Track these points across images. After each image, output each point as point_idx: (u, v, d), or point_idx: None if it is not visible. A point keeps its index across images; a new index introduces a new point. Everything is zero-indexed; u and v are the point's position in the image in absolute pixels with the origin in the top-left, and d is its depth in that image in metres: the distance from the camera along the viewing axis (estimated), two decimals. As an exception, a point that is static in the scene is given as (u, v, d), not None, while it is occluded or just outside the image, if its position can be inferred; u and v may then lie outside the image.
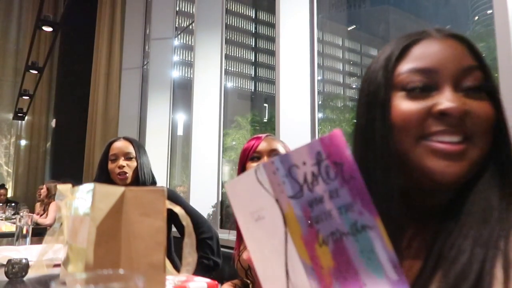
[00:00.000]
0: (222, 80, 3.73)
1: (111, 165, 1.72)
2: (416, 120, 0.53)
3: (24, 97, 7.73)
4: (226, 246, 2.30)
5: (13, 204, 5.31)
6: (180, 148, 5.46)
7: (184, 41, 5.36)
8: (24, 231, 1.89)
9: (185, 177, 4.68)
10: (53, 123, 7.81)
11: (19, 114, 8.72)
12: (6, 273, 1.17)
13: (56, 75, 8.41)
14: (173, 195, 1.73)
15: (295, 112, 2.55)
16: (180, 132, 5.48)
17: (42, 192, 4.95)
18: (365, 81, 0.60)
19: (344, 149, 0.37)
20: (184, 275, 0.71)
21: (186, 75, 5.79)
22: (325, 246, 0.38)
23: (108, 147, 1.76)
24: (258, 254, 0.45)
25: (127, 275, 0.35)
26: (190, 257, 0.65)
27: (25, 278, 1.18)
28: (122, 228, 0.57)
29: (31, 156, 9.26)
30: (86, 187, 0.61)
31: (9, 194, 7.87)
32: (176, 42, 4.96)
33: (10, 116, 9.40)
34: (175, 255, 1.82)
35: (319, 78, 2.81)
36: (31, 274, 1.19)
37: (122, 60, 5.54)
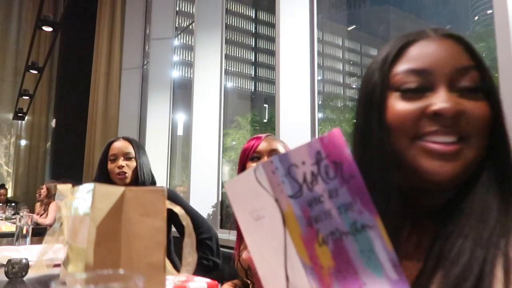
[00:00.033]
0: (222, 80, 3.73)
1: (111, 165, 1.72)
2: (411, 121, 0.53)
3: (24, 97, 7.73)
4: (226, 246, 2.30)
5: (13, 204, 5.31)
6: (180, 148, 5.46)
7: (184, 41, 5.36)
8: (24, 231, 1.89)
9: (185, 177, 4.68)
10: (53, 123, 7.81)
11: (19, 114, 8.73)
12: (6, 273, 1.17)
13: (56, 75, 8.40)
14: (173, 195, 1.73)
15: (295, 112, 2.55)
16: (180, 132, 5.48)
17: (42, 192, 4.95)
18: (364, 81, 0.61)
19: (344, 149, 0.37)
20: (184, 275, 0.71)
21: (186, 75, 5.79)
22: (325, 246, 0.38)
23: (108, 147, 1.76)
24: (258, 254, 0.44)
25: (127, 275, 0.35)
26: (190, 257, 0.65)
27: (25, 278, 1.18)
28: (122, 228, 0.57)
29: (31, 156, 9.26)
30: (86, 187, 0.61)
31: (9, 194, 7.86)
32: (176, 42, 4.96)
33: (10, 116, 9.41)
34: (175, 255, 1.82)
35: (319, 78, 2.81)
36: (31, 274, 1.19)
37: (122, 60, 5.54)
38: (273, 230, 0.41)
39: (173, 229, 1.65)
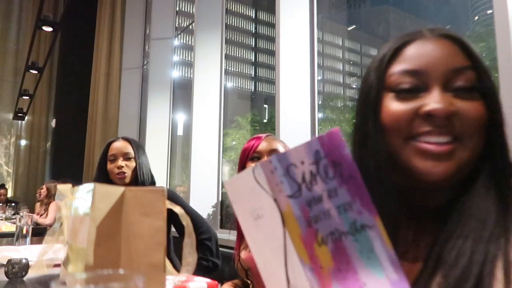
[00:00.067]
0: (222, 80, 3.73)
1: (110, 166, 1.72)
2: (404, 121, 0.53)
3: (24, 97, 7.73)
4: (226, 246, 2.30)
5: (13, 204, 5.30)
6: (180, 148, 5.46)
7: (184, 41, 5.36)
8: (24, 231, 1.89)
9: (185, 177, 4.68)
10: (53, 123, 7.81)
11: (19, 114, 8.73)
12: (6, 273, 1.17)
13: (56, 75, 8.41)
14: (173, 195, 1.73)
15: (295, 112, 2.55)
16: (180, 132, 5.48)
17: (42, 192, 4.95)
18: (362, 81, 0.62)
19: (343, 148, 0.37)
20: (184, 275, 0.71)
21: (186, 75, 5.79)
22: (324, 246, 0.38)
23: (107, 148, 1.76)
24: (259, 253, 0.44)
25: (127, 275, 0.35)
26: (190, 257, 0.65)
27: (25, 278, 1.18)
28: (122, 228, 0.57)
29: (31, 156, 9.26)
30: (86, 187, 0.61)
31: (9, 194, 7.86)
32: (176, 42, 4.96)
33: (10, 116, 9.41)
34: (175, 255, 1.82)
35: (319, 78, 2.81)
36: (31, 274, 1.19)
37: (122, 60, 5.54)
38: (273, 230, 0.41)
39: (173, 229, 1.65)
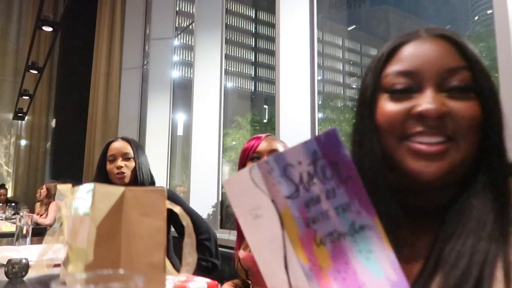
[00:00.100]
0: (222, 80, 3.73)
1: (110, 166, 1.72)
2: (398, 122, 0.54)
3: (24, 97, 7.73)
4: (226, 246, 2.30)
5: (13, 204, 5.30)
6: (180, 148, 5.46)
7: (184, 41, 5.36)
8: (24, 231, 1.89)
9: (185, 177, 4.68)
10: (53, 123, 7.81)
11: (19, 114, 8.73)
12: (6, 273, 1.17)
13: (56, 75, 8.40)
14: (172, 195, 1.73)
15: (295, 112, 2.55)
16: (180, 132, 5.49)
17: (42, 192, 4.95)
18: (361, 82, 0.62)
19: (341, 148, 0.36)
20: (184, 275, 0.71)
21: (186, 75, 5.80)
22: (323, 246, 0.37)
23: (106, 148, 1.76)
24: (259, 252, 0.44)
25: (127, 275, 0.35)
26: (190, 257, 0.66)
27: (25, 278, 1.18)
28: (122, 228, 0.57)
29: (31, 156, 9.26)
30: (86, 187, 0.61)
31: (9, 194, 7.86)
32: (176, 42, 4.96)
33: (10, 116, 9.40)
34: (174, 255, 1.81)
35: (319, 78, 2.81)
36: (31, 274, 1.19)
37: (122, 60, 5.54)
38: (271, 230, 0.41)
39: (172, 229, 1.64)
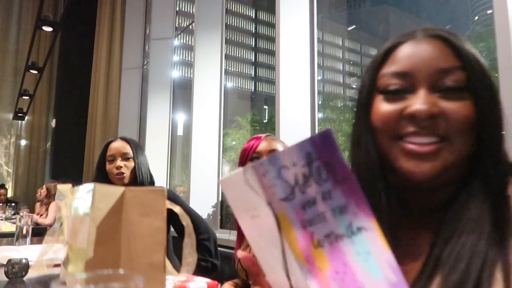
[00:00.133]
0: (222, 80, 3.73)
1: (109, 166, 1.72)
2: (391, 122, 0.55)
3: (24, 97, 7.73)
4: (227, 246, 2.30)
5: (13, 204, 5.30)
6: (180, 148, 5.46)
7: (184, 41, 5.36)
8: (24, 231, 1.88)
9: (185, 177, 4.68)
10: (53, 123, 7.81)
11: (19, 114, 8.73)
12: (6, 273, 1.17)
13: (56, 75, 8.40)
14: (172, 195, 1.72)
15: (295, 112, 2.55)
16: (180, 132, 5.49)
17: (42, 192, 4.95)
18: (360, 82, 0.63)
19: (335, 150, 0.36)
20: (184, 275, 0.71)
21: (186, 75, 5.80)
22: (321, 248, 0.37)
23: (106, 148, 1.76)
24: (259, 252, 0.44)
25: (127, 275, 0.35)
26: (190, 257, 0.66)
27: (25, 278, 1.18)
28: (122, 228, 0.57)
29: (31, 156, 9.26)
30: (86, 187, 0.61)
31: (9, 194, 7.86)
32: (176, 42, 4.96)
33: (10, 116, 9.41)
34: (174, 255, 1.81)
35: (319, 78, 2.81)
36: (31, 274, 1.19)
37: (122, 60, 5.54)
38: (269, 231, 0.40)
39: (172, 229, 1.64)
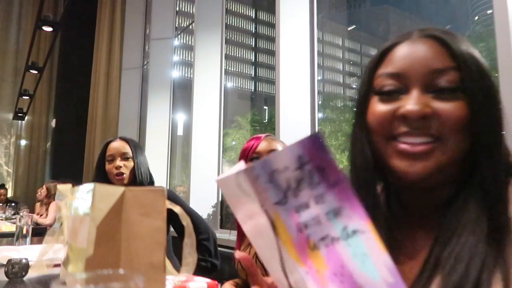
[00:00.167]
0: (222, 80, 3.73)
1: (108, 166, 1.72)
2: (385, 122, 0.55)
3: (24, 97, 7.73)
4: (227, 246, 2.30)
5: (13, 204, 5.30)
6: (180, 148, 5.46)
7: (184, 41, 5.36)
8: (24, 231, 1.88)
9: (185, 177, 4.68)
10: (53, 123, 7.81)
11: (19, 114, 8.73)
12: (6, 273, 1.17)
13: (56, 75, 8.40)
14: (172, 195, 1.72)
15: (295, 112, 2.55)
16: (180, 132, 5.48)
17: (42, 192, 4.95)
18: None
19: (326, 152, 0.35)
20: (184, 275, 0.71)
21: (186, 75, 5.80)
22: (317, 251, 0.37)
23: (105, 148, 1.76)
24: (259, 250, 0.44)
25: (127, 275, 0.35)
26: (190, 257, 0.66)
27: (25, 278, 1.18)
28: (122, 228, 0.57)
29: (31, 156, 9.26)
30: (86, 187, 0.61)
31: (9, 194, 7.86)
32: (176, 42, 4.96)
33: (10, 116, 9.40)
34: (173, 255, 1.81)
35: (319, 78, 2.81)
36: (31, 274, 1.19)
37: (122, 60, 5.54)
38: (265, 233, 0.40)
39: (171, 229, 1.64)
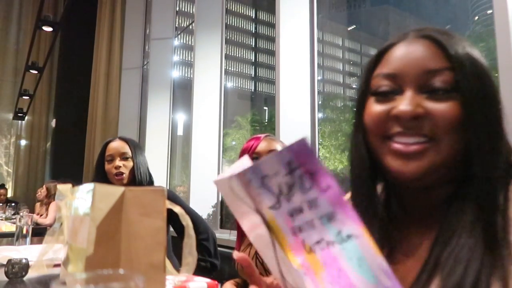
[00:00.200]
0: (222, 80, 3.73)
1: (108, 166, 1.72)
2: (380, 123, 0.56)
3: (24, 97, 7.73)
4: (227, 246, 2.30)
5: (13, 204, 5.30)
6: (180, 148, 5.46)
7: (184, 41, 5.36)
8: (24, 231, 1.88)
9: (185, 177, 4.68)
10: (53, 123, 7.81)
11: (19, 114, 8.72)
12: (6, 273, 1.17)
13: (56, 75, 8.40)
14: (171, 195, 1.72)
15: (295, 112, 2.55)
16: (180, 132, 5.48)
17: (42, 192, 4.95)
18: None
19: (314, 157, 0.35)
20: (184, 275, 0.71)
21: (186, 75, 5.80)
22: (313, 254, 0.37)
23: (104, 148, 1.76)
24: (259, 249, 0.44)
25: (127, 275, 0.35)
26: (190, 257, 0.66)
27: (25, 278, 1.18)
28: (122, 228, 0.57)
29: (31, 156, 9.25)
30: (86, 187, 0.61)
31: (9, 194, 7.86)
32: (176, 42, 4.96)
33: (10, 116, 9.40)
34: (173, 254, 1.81)
35: (319, 78, 2.81)
36: (31, 274, 1.19)
37: (122, 60, 5.54)
38: (262, 235, 0.40)
39: (171, 229, 1.64)
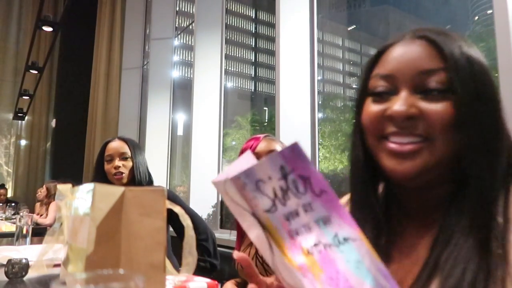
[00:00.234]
0: (222, 80, 3.73)
1: (107, 166, 1.72)
2: (376, 123, 0.56)
3: (24, 97, 7.72)
4: (227, 246, 2.30)
5: (13, 204, 5.30)
6: (180, 148, 5.45)
7: (184, 41, 5.36)
8: (24, 231, 1.88)
9: (185, 177, 4.68)
10: (53, 123, 7.81)
11: (19, 114, 8.72)
12: (6, 273, 1.17)
13: (56, 75, 8.40)
14: (171, 195, 1.72)
15: (295, 112, 2.55)
16: (180, 132, 5.48)
17: (42, 192, 4.95)
18: None
19: (307, 163, 0.36)
20: (184, 275, 0.71)
21: (186, 75, 5.79)
22: (311, 256, 0.37)
23: (104, 148, 1.76)
24: (260, 249, 0.44)
25: (127, 275, 0.35)
26: (190, 257, 0.66)
27: (25, 278, 1.18)
28: (122, 228, 0.57)
29: (31, 156, 9.25)
30: (86, 187, 0.61)
31: (9, 194, 7.86)
32: (176, 42, 4.96)
33: (10, 116, 9.39)
34: (173, 254, 1.81)
35: (319, 78, 2.81)
36: (31, 274, 1.19)
37: (122, 60, 5.54)
38: (259, 236, 0.40)
39: (170, 229, 1.64)
